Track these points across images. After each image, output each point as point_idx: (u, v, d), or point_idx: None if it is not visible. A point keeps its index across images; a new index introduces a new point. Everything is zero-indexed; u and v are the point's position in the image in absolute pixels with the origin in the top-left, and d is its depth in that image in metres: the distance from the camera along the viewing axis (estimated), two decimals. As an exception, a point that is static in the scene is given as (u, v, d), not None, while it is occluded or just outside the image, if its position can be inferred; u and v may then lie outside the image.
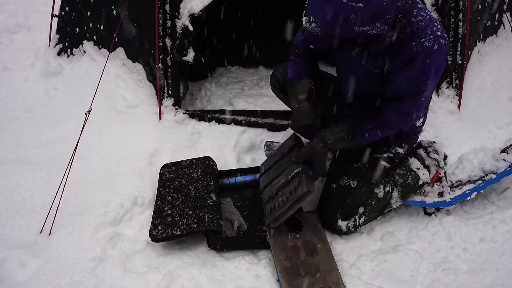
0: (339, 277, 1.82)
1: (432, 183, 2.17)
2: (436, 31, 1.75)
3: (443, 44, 1.75)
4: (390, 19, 1.66)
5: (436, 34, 1.74)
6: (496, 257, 1.90)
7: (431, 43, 1.72)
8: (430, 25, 1.75)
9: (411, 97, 1.84)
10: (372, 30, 1.62)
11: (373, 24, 1.61)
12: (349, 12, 1.55)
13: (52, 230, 2.00)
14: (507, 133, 2.68)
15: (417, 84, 1.80)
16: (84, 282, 1.79)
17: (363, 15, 1.57)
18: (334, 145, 1.94)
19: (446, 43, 1.78)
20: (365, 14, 1.57)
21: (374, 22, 1.61)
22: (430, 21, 1.77)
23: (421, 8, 1.80)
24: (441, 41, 1.75)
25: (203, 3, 2.58)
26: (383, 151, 2.08)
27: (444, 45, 1.76)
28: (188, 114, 2.73)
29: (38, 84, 3.13)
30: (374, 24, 1.61)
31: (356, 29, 1.60)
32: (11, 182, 2.28)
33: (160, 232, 1.96)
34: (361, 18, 1.58)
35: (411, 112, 1.90)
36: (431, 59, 1.74)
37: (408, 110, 1.89)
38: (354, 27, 1.59)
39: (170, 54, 2.62)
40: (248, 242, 2.01)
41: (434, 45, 1.72)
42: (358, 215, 2.06)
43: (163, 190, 2.21)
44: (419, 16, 1.76)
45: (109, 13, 2.91)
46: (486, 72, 3.00)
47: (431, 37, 1.73)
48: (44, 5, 4.30)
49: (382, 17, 1.62)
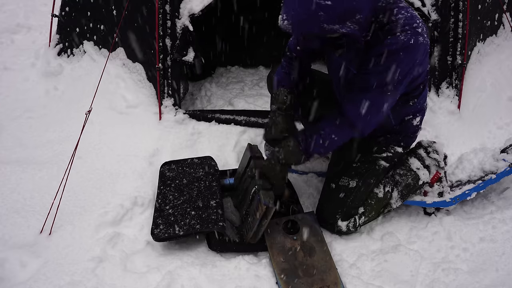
0: (338, 277, 1.82)
1: (432, 183, 2.17)
2: (416, 27, 1.71)
3: (421, 41, 1.70)
4: (362, 19, 1.63)
5: (416, 30, 1.70)
6: (496, 257, 1.90)
7: (407, 38, 1.69)
8: (410, 23, 1.72)
9: (376, 88, 1.76)
10: (342, 29, 1.60)
11: (343, 23, 1.60)
12: (318, 9, 1.55)
13: (52, 230, 2.00)
14: (507, 133, 2.69)
15: (384, 75, 1.73)
16: (84, 282, 1.79)
17: (332, 13, 1.56)
18: (287, 160, 1.92)
19: (426, 42, 1.73)
20: (334, 12, 1.56)
21: (344, 21, 1.60)
22: (411, 18, 1.73)
23: (402, 7, 1.76)
24: (419, 38, 1.70)
25: (203, 3, 2.58)
26: (382, 151, 2.08)
27: (423, 43, 1.71)
28: (188, 114, 2.73)
29: (38, 84, 3.13)
30: (344, 23, 1.60)
31: (326, 27, 1.59)
32: (11, 182, 2.28)
33: (162, 232, 1.95)
34: (330, 16, 1.57)
35: (373, 105, 1.79)
36: (404, 52, 1.69)
37: (370, 102, 1.79)
38: (323, 25, 1.58)
39: (170, 54, 2.63)
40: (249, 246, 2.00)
41: (411, 40, 1.68)
42: (358, 215, 2.06)
43: (163, 188, 2.20)
44: (400, 14, 1.73)
45: (109, 13, 2.91)
46: (486, 72, 3.00)
47: (408, 32, 1.69)
48: (44, 5, 4.31)
49: (352, 17, 1.60)
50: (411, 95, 1.95)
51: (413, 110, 2.03)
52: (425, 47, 1.74)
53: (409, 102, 1.98)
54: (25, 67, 3.33)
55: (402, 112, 2.02)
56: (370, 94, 1.78)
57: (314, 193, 2.33)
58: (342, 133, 1.89)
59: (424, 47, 1.74)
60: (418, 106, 2.03)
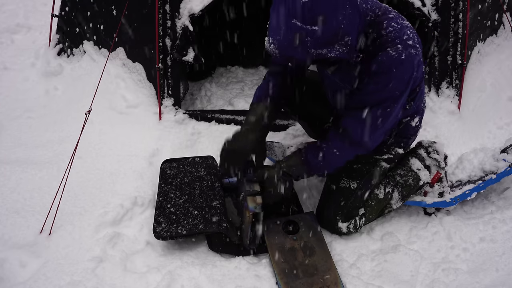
0: (338, 277, 1.82)
1: (432, 183, 2.17)
2: (407, 40, 1.68)
3: (413, 54, 1.68)
4: (351, 41, 1.59)
5: (407, 43, 1.68)
6: (496, 257, 1.90)
7: (398, 53, 1.66)
8: (400, 35, 1.69)
9: (376, 106, 1.75)
10: (330, 53, 1.56)
11: (330, 47, 1.55)
12: (305, 35, 1.50)
13: (52, 230, 1.99)
14: (507, 133, 2.69)
15: (382, 93, 1.73)
16: (84, 282, 1.78)
17: (319, 38, 1.51)
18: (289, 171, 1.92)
19: (417, 53, 1.71)
20: (321, 37, 1.51)
21: (332, 45, 1.55)
22: (401, 30, 1.70)
23: (392, 18, 1.73)
24: (411, 51, 1.67)
25: (203, 3, 2.58)
26: (383, 153, 2.08)
27: (415, 55, 1.69)
28: (188, 114, 2.73)
29: (38, 84, 3.13)
30: (332, 46, 1.56)
31: (313, 52, 1.54)
32: (11, 182, 2.28)
33: (165, 230, 1.93)
34: (317, 41, 1.52)
35: (375, 122, 1.78)
36: (398, 68, 1.67)
37: (371, 120, 1.77)
38: (310, 50, 1.53)
39: (170, 54, 2.63)
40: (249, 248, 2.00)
41: (402, 55, 1.66)
42: (358, 216, 2.06)
43: (164, 186, 2.19)
44: (390, 27, 1.70)
45: (109, 13, 2.91)
46: (486, 72, 3.00)
47: (398, 46, 1.67)
48: (44, 5, 4.31)
49: (341, 40, 1.56)
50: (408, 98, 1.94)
51: (411, 112, 2.02)
52: (418, 57, 1.72)
53: (405, 106, 1.97)
54: (25, 67, 3.33)
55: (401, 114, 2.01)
56: (371, 113, 1.76)
57: (314, 193, 2.33)
58: (345, 150, 1.87)
59: (417, 58, 1.72)
60: (415, 108, 2.02)
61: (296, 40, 1.51)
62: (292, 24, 1.49)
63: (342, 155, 1.88)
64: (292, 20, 1.48)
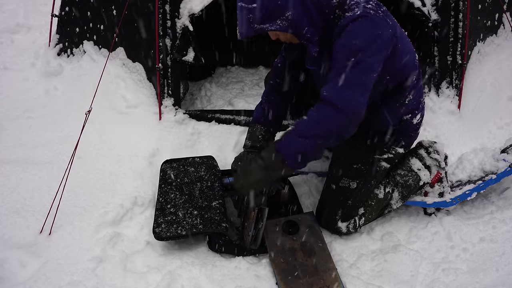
0: (338, 277, 1.82)
1: (433, 183, 2.17)
2: (366, 5, 1.75)
3: (371, 13, 1.72)
4: (292, 16, 1.72)
5: (366, 7, 1.74)
6: (496, 257, 1.90)
7: (354, 12, 1.72)
8: (361, 5, 1.75)
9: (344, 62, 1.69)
10: (272, 27, 1.73)
11: (272, 21, 1.73)
12: (247, 13, 1.72)
13: (52, 230, 1.99)
14: (507, 133, 2.69)
15: (345, 49, 1.71)
16: (84, 282, 1.78)
17: (259, 14, 1.71)
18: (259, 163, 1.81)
19: (379, 16, 1.74)
20: (259, 12, 1.71)
21: (274, 20, 1.73)
22: (364, 1, 1.77)
23: None
24: (369, 11, 1.72)
25: (203, 3, 2.58)
26: (383, 152, 2.08)
27: (375, 16, 1.72)
28: (188, 114, 2.73)
29: (38, 84, 3.13)
30: (274, 21, 1.73)
31: (256, 27, 1.74)
32: (11, 182, 2.28)
33: (164, 231, 1.94)
34: (258, 17, 1.72)
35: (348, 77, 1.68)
36: (359, 21, 1.70)
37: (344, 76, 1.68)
38: (253, 25, 1.74)
39: (170, 54, 2.62)
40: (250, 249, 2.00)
41: (357, 12, 1.72)
42: (358, 216, 2.06)
43: (165, 186, 2.19)
44: (351, 1, 1.79)
45: (109, 13, 2.91)
46: (486, 72, 3.00)
47: (355, 9, 1.74)
48: (44, 5, 4.31)
49: (281, 15, 1.72)
50: (404, 85, 1.95)
51: (410, 108, 2.02)
52: (377, 19, 1.73)
53: (404, 98, 1.97)
54: (25, 67, 3.33)
55: (400, 112, 2.01)
56: (341, 69, 1.69)
57: (314, 193, 2.33)
58: (324, 114, 1.70)
59: (377, 19, 1.73)
60: (415, 103, 2.02)
61: (244, 19, 1.75)
62: (239, 6, 1.75)
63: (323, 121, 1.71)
64: (239, 3, 1.75)
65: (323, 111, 1.71)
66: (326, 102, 1.69)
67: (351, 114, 1.69)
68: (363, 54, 1.69)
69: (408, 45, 1.94)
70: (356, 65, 1.68)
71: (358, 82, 1.70)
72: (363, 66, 1.69)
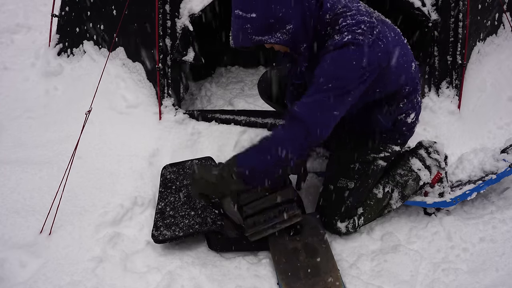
0: (340, 278, 1.82)
1: (433, 183, 2.17)
2: (356, 30, 1.67)
3: (359, 39, 1.65)
4: (293, 29, 1.65)
5: (356, 32, 1.66)
6: (496, 257, 1.90)
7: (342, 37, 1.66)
8: (350, 28, 1.68)
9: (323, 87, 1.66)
10: (271, 40, 1.65)
11: (271, 34, 1.64)
12: (245, 22, 1.62)
13: (52, 230, 1.99)
14: (507, 133, 2.68)
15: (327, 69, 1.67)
16: (84, 282, 1.78)
17: (257, 25, 1.61)
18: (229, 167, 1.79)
19: (369, 42, 1.66)
20: (259, 24, 1.61)
21: (273, 32, 1.64)
22: (355, 25, 1.69)
23: (349, 15, 1.73)
24: (358, 37, 1.65)
25: (203, 3, 2.58)
26: (380, 151, 2.08)
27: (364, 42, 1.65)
28: (188, 114, 2.73)
29: (38, 84, 3.13)
30: (272, 34, 1.64)
31: (254, 38, 1.65)
32: (11, 182, 2.28)
33: (162, 234, 1.95)
34: (257, 28, 1.62)
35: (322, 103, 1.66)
36: (344, 52, 1.64)
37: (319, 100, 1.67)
38: (251, 37, 1.65)
39: (170, 54, 2.63)
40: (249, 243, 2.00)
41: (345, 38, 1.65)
42: (357, 216, 2.06)
43: (164, 191, 2.20)
44: (344, 22, 1.71)
45: (109, 13, 2.91)
46: (486, 72, 3.00)
47: (345, 34, 1.66)
48: (44, 5, 4.30)
49: (281, 28, 1.63)
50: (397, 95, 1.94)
51: (405, 109, 2.02)
52: (366, 48, 1.66)
53: (398, 103, 1.96)
54: (25, 67, 3.33)
55: (394, 115, 2.02)
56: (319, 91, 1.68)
57: (314, 193, 2.33)
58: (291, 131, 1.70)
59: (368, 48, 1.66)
60: (409, 105, 2.02)
61: (240, 28, 1.64)
62: (235, 14, 1.65)
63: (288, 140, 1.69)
64: (235, 11, 1.64)
65: (292, 128, 1.69)
66: (296, 118, 1.68)
67: (318, 137, 1.71)
68: (344, 82, 1.67)
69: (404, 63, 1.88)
70: (334, 91, 1.66)
71: (332, 108, 1.69)
72: (340, 93, 1.67)
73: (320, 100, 1.68)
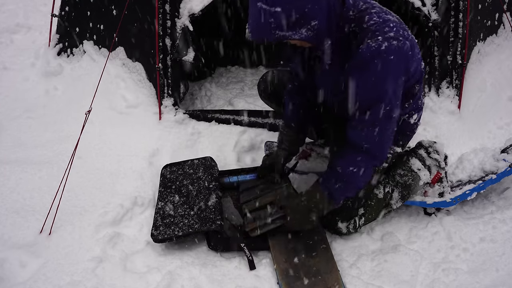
0: (340, 278, 1.82)
1: (433, 183, 2.17)
2: (388, 32, 1.65)
3: (395, 45, 1.64)
4: (318, 26, 1.61)
5: (388, 35, 1.65)
6: (496, 257, 1.90)
7: (378, 44, 1.63)
8: (380, 28, 1.66)
9: (373, 107, 1.71)
10: (294, 36, 1.60)
11: (295, 30, 1.59)
12: (268, 16, 1.55)
13: (52, 230, 1.99)
14: (507, 133, 2.68)
15: (374, 91, 1.70)
16: (84, 282, 1.78)
17: (282, 19, 1.55)
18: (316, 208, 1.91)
19: (400, 45, 1.65)
20: (283, 18, 1.55)
21: (297, 28, 1.59)
22: (383, 23, 1.67)
23: (374, 13, 1.71)
24: (393, 42, 1.64)
25: (203, 3, 2.58)
26: None
27: (398, 47, 1.64)
28: (188, 114, 2.73)
29: (38, 84, 3.13)
30: (297, 30, 1.59)
31: (277, 33, 1.58)
32: (10, 182, 2.28)
33: (162, 233, 1.95)
34: (281, 23, 1.56)
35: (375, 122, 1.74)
36: (379, 59, 1.64)
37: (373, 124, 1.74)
38: (274, 32, 1.58)
39: (170, 54, 2.63)
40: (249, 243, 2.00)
41: (382, 46, 1.63)
42: (358, 216, 2.05)
43: (164, 191, 2.21)
44: (371, 20, 1.68)
45: (109, 13, 2.91)
46: (486, 72, 3.00)
47: (379, 38, 1.64)
48: (44, 5, 4.31)
49: (306, 24, 1.59)
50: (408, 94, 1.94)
51: (409, 110, 2.02)
52: (404, 50, 1.67)
53: (404, 103, 1.96)
54: (25, 67, 3.33)
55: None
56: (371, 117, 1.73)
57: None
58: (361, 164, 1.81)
59: (403, 51, 1.67)
60: (414, 106, 2.02)
61: (262, 22, 1.57)
62: (259, 7, 1.56)
63: (359, 171, 1.82)
64: (258, 3, 1.56)
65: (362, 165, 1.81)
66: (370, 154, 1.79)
67: (382, 158, 1.87)
68: (393, 101, 1.72)
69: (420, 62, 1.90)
70: (386, 113, 1.72)
71: (389, 131, 1.80)
72: (390, 110, 1.73)
73: (381, 129, 1.75)
